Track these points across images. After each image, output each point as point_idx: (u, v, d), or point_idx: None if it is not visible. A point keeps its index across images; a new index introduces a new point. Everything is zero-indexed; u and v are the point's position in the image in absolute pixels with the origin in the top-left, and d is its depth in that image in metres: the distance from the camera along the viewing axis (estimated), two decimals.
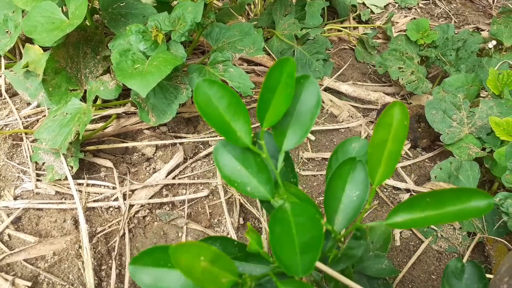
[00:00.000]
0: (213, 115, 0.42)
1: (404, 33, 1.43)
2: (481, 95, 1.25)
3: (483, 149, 1.02)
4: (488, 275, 0.66)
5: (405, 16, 1.91)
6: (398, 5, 1.99)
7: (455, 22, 1.94)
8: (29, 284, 0.69)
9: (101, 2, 1.05)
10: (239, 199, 0.90)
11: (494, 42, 1.45)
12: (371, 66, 1.53)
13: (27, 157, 0.88)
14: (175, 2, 1.19)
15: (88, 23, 1.03)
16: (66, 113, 0.87)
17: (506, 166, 0.88)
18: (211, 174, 0.96)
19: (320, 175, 1.03)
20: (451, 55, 1.36)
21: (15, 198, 0.81)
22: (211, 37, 1.07)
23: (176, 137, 1.02)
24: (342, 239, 0.53)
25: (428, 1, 2.06)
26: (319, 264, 0.47)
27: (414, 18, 1.88)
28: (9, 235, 0.76)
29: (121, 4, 1.06)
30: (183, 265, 0.33)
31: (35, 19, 0.90)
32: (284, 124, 0.45)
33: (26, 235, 0.76)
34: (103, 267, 0.75)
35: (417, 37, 1.40)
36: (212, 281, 0.35)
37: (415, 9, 2.01)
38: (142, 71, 0.86)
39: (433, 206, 0.41)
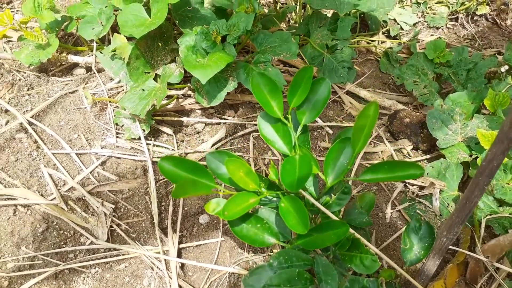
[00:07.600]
0: (260, 95, 0.68)
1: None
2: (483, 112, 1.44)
3: (471, 155, 1.23)
4: None
5: (432, 35, 2.09)
6: (427, 24, 2.16)
7: (479, 44, 2.10)
8: (113, 206, 0.98)
9: (173, 5, 1.33)
10: (264, 171, 1.16)
11: (506, 67, 1.62)
12: (392, 78, 1.74)
13: (110, 120, 1.17)
14: (229, 10, 1.46)
15: (163, 22, 1.31)
16: (144, 89, 1.15)
17: None
18: (245, 149, 1.22)
19: None
20: (462, 74, 1.56)
21: (102, 148, 1.10)
22: (257, 41, 1.33)
23: (221, 118, 1.29)
24: (333, 193, 0.78)
25: (456, 23, 2.22)
26: (314, 201, 0.72)
27: (440, 38, 2.05)
28: (98, 173, 1.05)
29: (189, 9, 1.33)
30: (230, 170, 0.60)
31: (126, 16, 1.19)
32: (305, 107, 0.70)
33: (110, 174, 1.04)
34: (162, 204, 1.03)
35: (434, 56, 1.60)
36: (244, 184, 0.61)
37: (442, 29, 2.17)
38: (204, 64, 1.13)
39: (389, 171, 0.65)
